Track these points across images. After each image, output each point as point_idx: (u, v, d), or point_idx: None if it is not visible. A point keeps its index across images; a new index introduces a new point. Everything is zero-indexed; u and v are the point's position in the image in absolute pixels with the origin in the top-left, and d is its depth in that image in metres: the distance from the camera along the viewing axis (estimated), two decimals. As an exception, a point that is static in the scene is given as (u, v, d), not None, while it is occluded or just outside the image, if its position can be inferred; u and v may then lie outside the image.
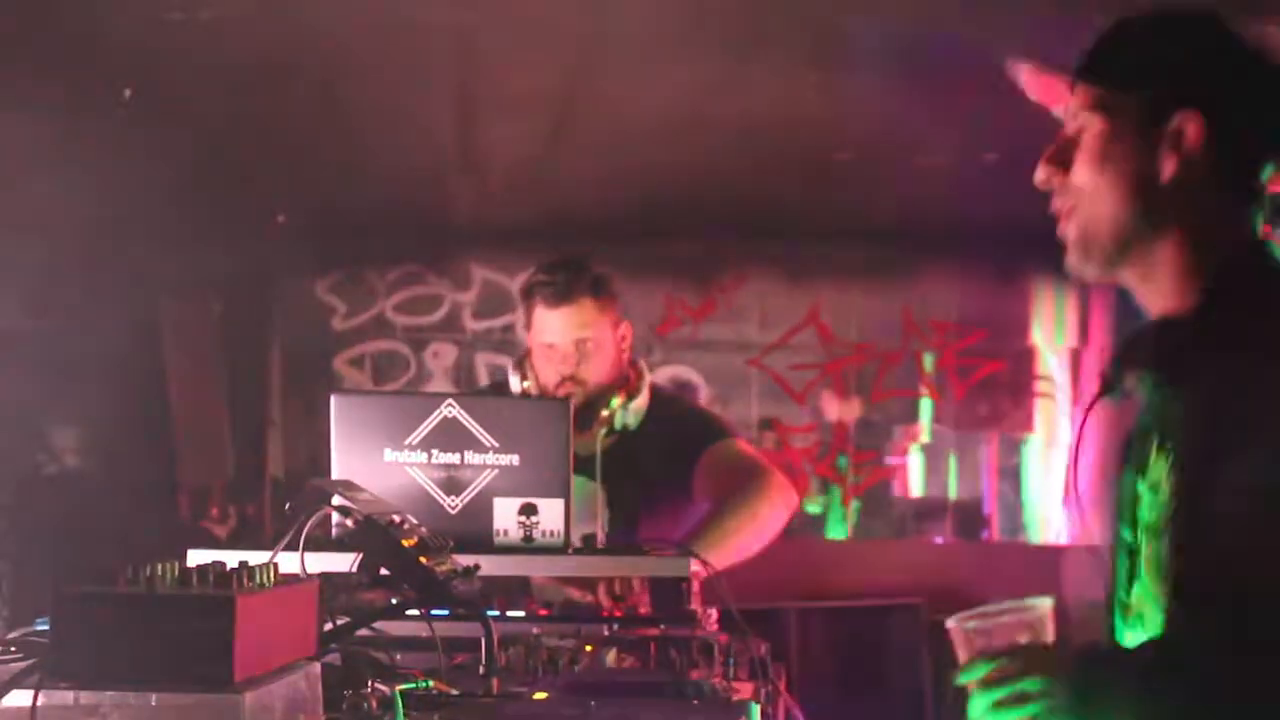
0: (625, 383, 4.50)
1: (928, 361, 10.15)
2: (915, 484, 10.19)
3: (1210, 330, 2.19)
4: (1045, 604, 2.29)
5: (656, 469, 4.45)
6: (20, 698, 2.07)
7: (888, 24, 6.28)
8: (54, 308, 6.77)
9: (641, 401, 4.49)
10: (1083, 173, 2.27)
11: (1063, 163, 2.29)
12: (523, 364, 4.53)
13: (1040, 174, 2.31)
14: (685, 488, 4.47)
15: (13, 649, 2.53)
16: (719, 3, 6.26)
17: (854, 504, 10.21)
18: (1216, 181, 2.22)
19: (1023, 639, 2.28)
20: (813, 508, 10.13)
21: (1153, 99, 2.23)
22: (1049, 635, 2.28)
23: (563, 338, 4.40)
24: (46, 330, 6.95)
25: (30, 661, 2.21)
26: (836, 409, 10.17)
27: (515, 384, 4.50)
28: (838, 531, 10.16)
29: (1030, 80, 2.22)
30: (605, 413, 4.41)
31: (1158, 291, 2.27)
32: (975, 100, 6.95)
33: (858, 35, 6.42)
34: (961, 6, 5.96)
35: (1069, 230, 2.31)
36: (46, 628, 2.42)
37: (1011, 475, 10.14)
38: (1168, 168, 2.21)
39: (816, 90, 7.09)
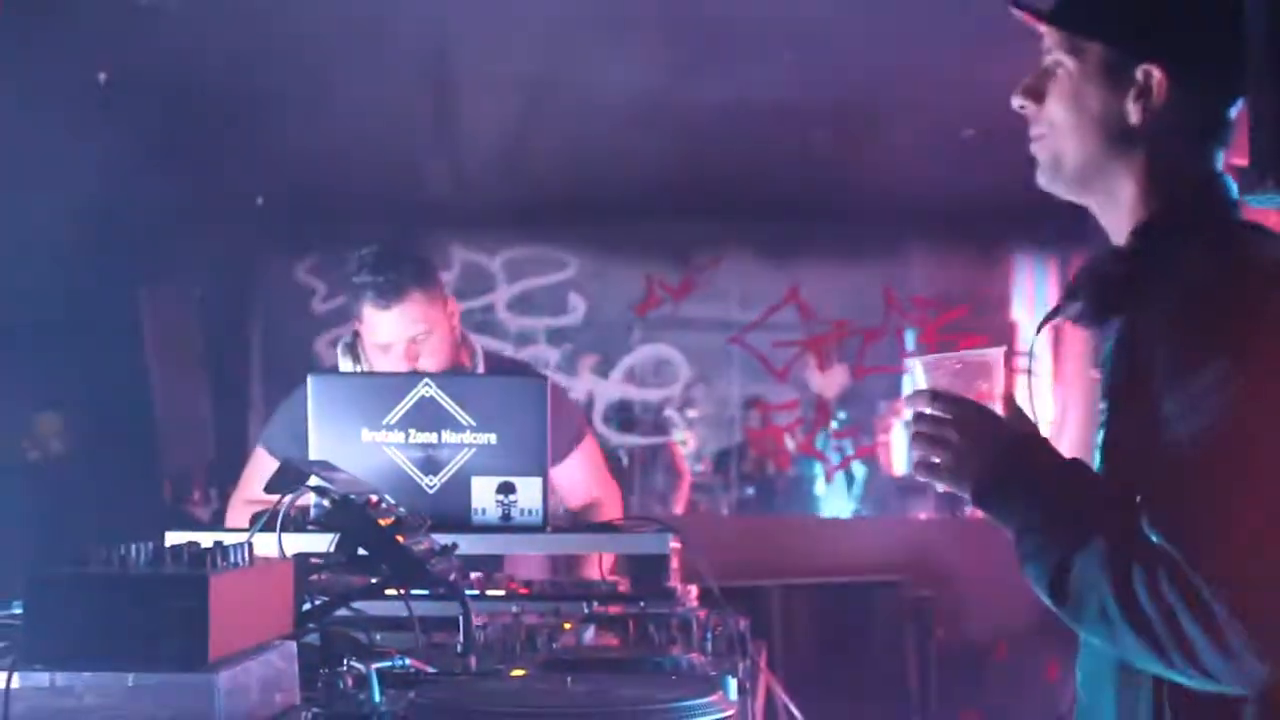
0: (461, 366, 4.38)
1: (909, 338, 10.16)
2: (898, 460, 10.21)
3: (1138, 262, 2.24)
4: (998, 351, 2.33)
5: None
6: (-4, 680, 2.08)
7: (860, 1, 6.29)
8: (33, 294, 6.75)
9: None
10: (1054, 107, 2.34)
11: (1038, 93, 2.34)
12: (354, 347, 4.38)
13: (1016, 100, 2.37)
14: None
15: (-12, 632, 2.53)
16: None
17: (837, 480, 10.22)
18: (1180, 123, 2.28)
19: (983, 387, 2.31)
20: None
21: (1118, 49, 2.28)
22: (999, 384, 2.31)
23: (396, 336, 4.21)
24: (27, 317, 6.93)
25: (3, 644, 2.21)
26: (818, 385, 10.18)
27: (346, 367, 4.33)
28: (821, 508, 10.18)
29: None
30: None
31: (1117, 221, 2.33)
32: (953, 76, 6.96)
33: (830, 14, 6.42)
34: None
35: (1040, 153, 2.36)
36: (21, 610, 2.42)
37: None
38: (1133, 114, 2.27)
39: (791, 69, 7.10)
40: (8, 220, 6.40)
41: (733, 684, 2.62)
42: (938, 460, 2.28)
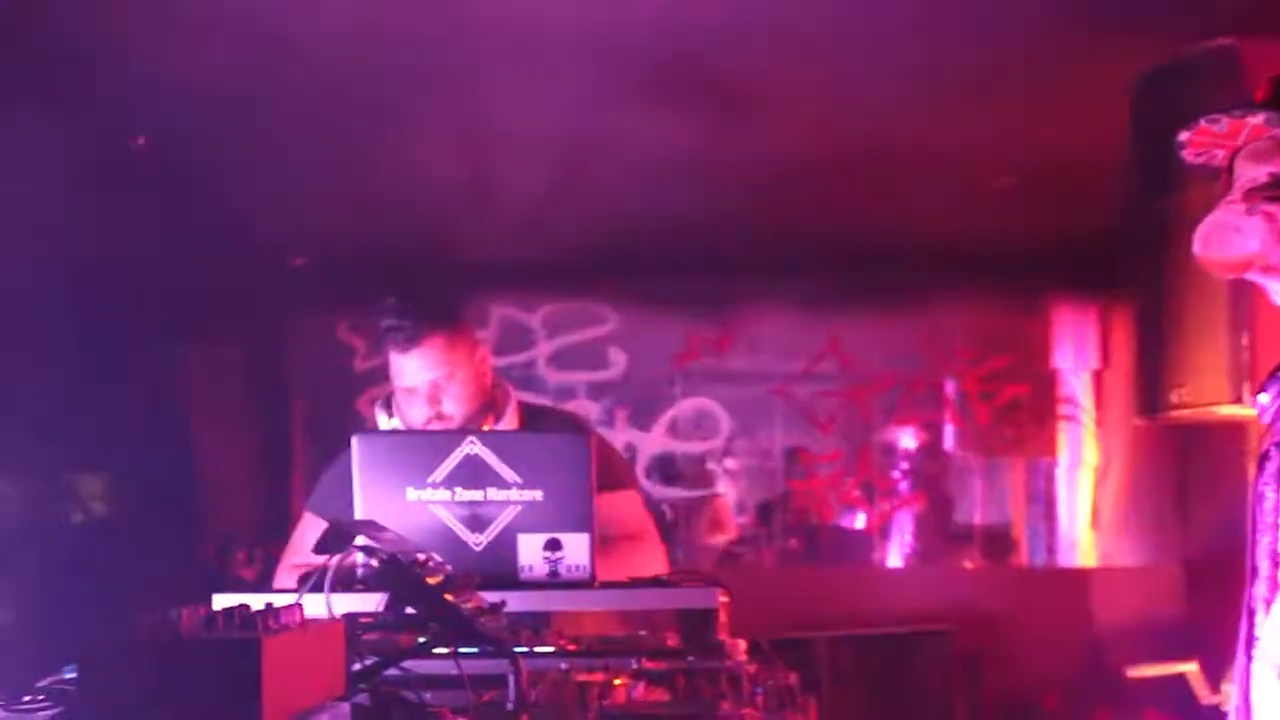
0: (491, 406, 4.41)
1: (950, 387, 10.14)
2: (943, 509, 10.17)
3: None
4: None
5: None
6: (49, 747, 2.07)
7: (897, 54, 6.28)
8: (72, 355, 6.77)
9: (509, 422, 4.41)
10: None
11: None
12: (389, 402, 4.44)
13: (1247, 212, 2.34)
14: None
15: (41, 697, 2.53)
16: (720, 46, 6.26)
17: (882, 530, 10.19)
18: None
19: None
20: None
21: None
22: None
23: (419, 379, 4.27)
24: (66, 377, 6.96)
25: (58, 710, 2.21)
26: (860, 436, 10.15)
27: (384, 423, 4.39)
28: (867, 559, 10.14)
29: (1197, 138, 2.21)
30: None
31: None
32: (989, 125, 6.95)
33: (863, 65, 6.41)
34: (961, 28, 5.95)
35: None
36: (75, 675, 2.42)
37: (1038, 499, 10.12)
38: None
39: (824, 121, 7.10)
40: (46, 281, 6.43)
41: (787, 740, 2.60)
42: None
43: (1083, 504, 9.98)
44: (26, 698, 2.56)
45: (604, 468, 3.73)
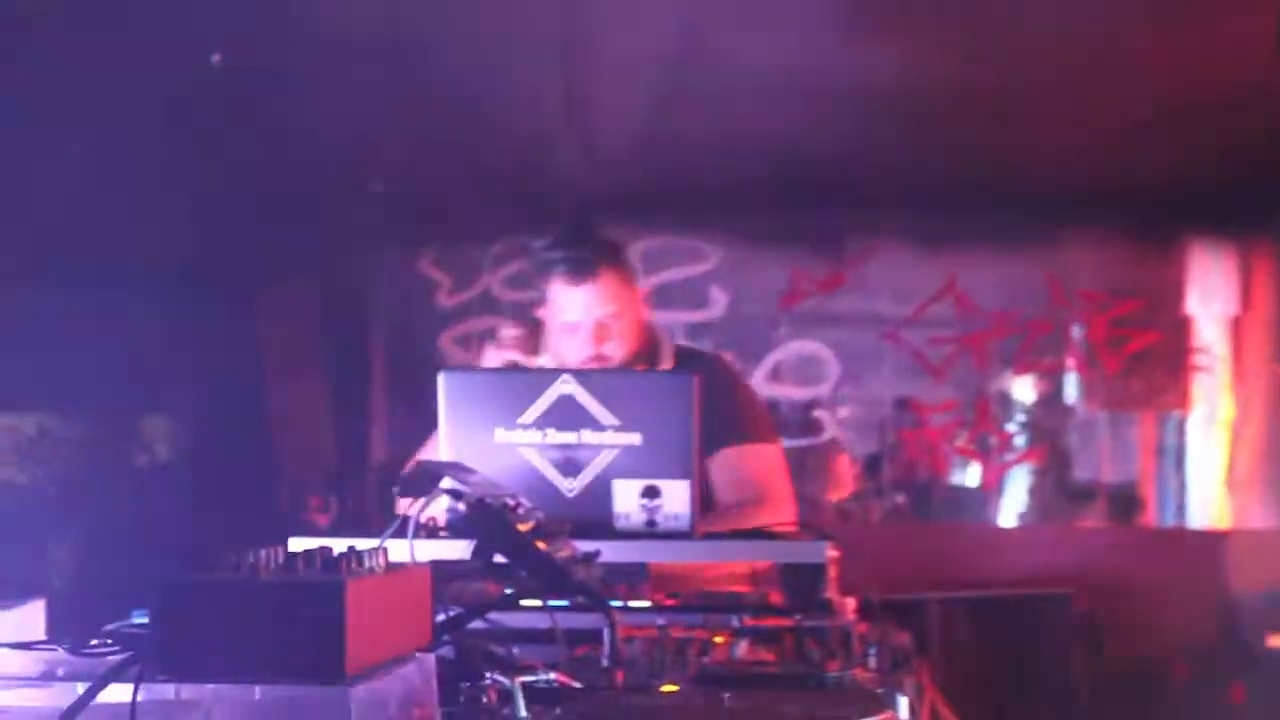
0: (648, 352, 4.46)
1: (1076, 333, 10.05)
2: (1064, 465, 10.10)
3: None
4: None
5: None
6: (119, 692, 2.08)
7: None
8: (136, 291, 6.80)
9: (665, 366, 4.45)
10: None
11: None
12: (533, 340, 4.46)
13: None
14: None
15: (109, 641, 2.55)
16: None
17: (997, 485, 10.13)
18: None
19: None
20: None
21: None
22: None
23: (586, 316, 4.36)
24: (128, 316, 6.99)
25: (128, 654, 2.22)
26: (977, 384, 10.09)
27: (491, 363, 4.44)
28: (982, 516, 10.09)
29: None
30: None
31: None
32: (1127, 54, 6.87)
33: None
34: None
35: None
36: (144, 620, 2.43)
37: (1169, 455, 10.03)
38: None
39: (954, 47, 7.03)
40: (108, 212, 6.47)
41: (904, 703, 2.60)
42: None
43: (1216, 461, 9.89)
44: (94, 641, 2.58)
45: (745, 417, 3.74)
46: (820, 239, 9.97)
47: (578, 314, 4.35)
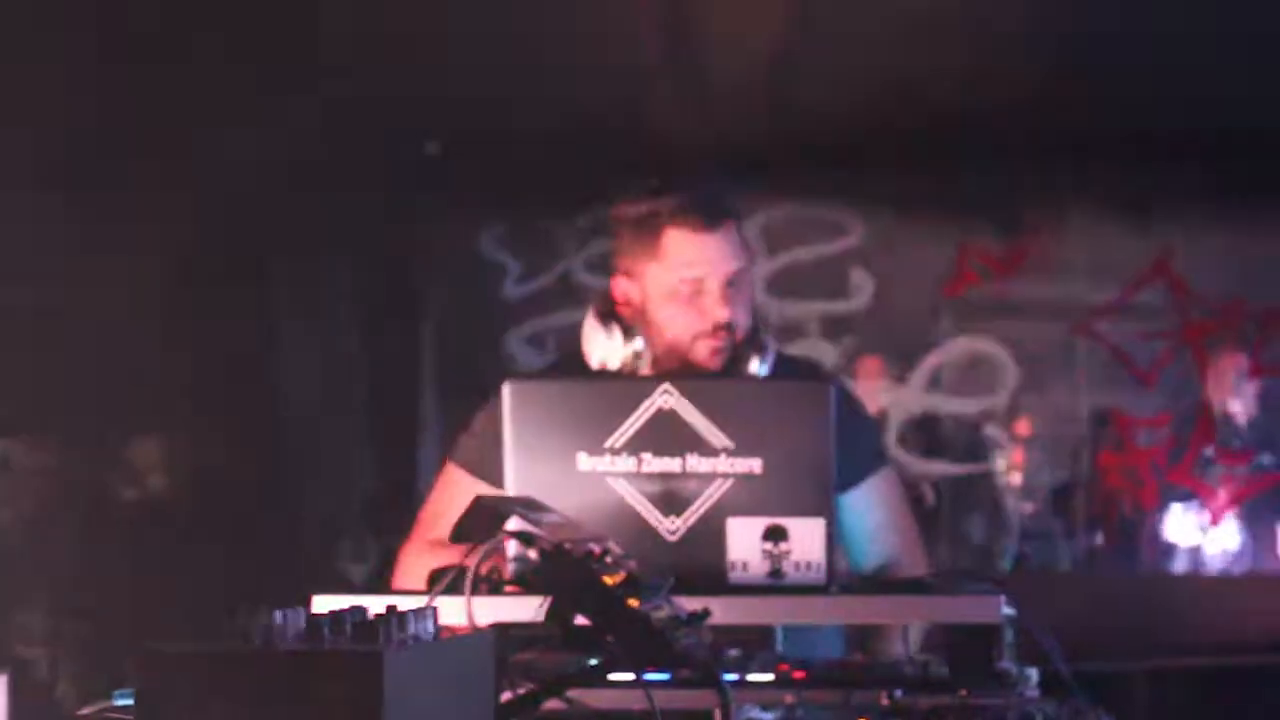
0: (758, 339, 4.44)
1: (1326, 324, 10.05)
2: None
3: None
4: None
5: None
6: (97, 793, 2.10)
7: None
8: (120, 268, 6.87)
9: (769, 361, 4.44)
10: None
11: None
12: (614, 319, 4.40)
13: None
14: None
15: (86, 731, 2.58)
16: None
17: (1225, 523, 10.10)
18: None
19: None
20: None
21: None
22: None
23: (713, 268, 4.31)
24: (114, 310, 7.05)
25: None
26: (1197, 393, 10.08)
27: (600, 346, 4.42)
28: (1203, 563, 10.07)
29: None
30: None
31: None
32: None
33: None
34: None
35: None
36: (128, 701, 2.45)
37: None
38: None
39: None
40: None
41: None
42: None
43: None
44: (66, 729, 2.61)
45: (844, 441, 3.70)
46: (991, 206, 9.98)
47: (704, 265, 4.30)
